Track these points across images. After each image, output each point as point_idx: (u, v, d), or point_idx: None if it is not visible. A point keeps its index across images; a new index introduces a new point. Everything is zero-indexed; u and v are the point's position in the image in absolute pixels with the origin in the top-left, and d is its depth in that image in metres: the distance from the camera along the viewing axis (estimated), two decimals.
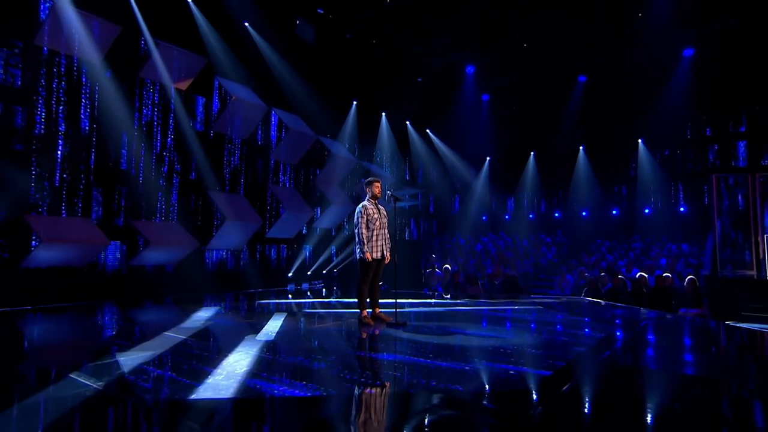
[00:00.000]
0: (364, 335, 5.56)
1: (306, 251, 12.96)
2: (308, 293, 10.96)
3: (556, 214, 18.05)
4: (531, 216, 18.38)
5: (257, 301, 8.95)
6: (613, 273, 12.05)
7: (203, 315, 7.16)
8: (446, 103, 15.76)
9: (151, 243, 9.41)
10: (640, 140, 16.28)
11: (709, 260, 11.99)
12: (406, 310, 7.64)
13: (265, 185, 11.89)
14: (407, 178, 16.86)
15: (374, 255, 5.81)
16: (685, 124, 15.29)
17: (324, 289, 11.75)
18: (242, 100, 10.92)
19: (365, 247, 5.72)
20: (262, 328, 5.98)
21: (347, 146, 14.04)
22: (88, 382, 3.51)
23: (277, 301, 9.22)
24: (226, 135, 11.04)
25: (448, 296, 10.55)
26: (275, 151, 12.12)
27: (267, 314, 7.24)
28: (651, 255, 13.93)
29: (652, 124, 15.26)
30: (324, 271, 13.58)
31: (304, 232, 13.03)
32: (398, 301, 7.30)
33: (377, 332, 5.71)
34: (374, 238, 5.81)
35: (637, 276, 10.60)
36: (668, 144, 15.94)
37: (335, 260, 13.87)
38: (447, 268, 12.78)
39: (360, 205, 5.90)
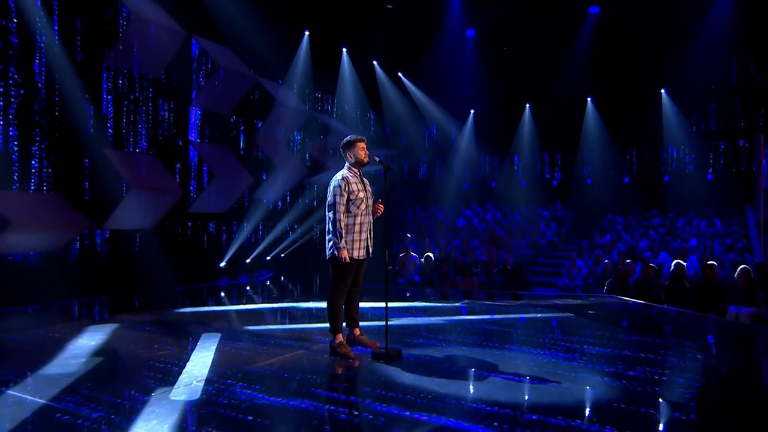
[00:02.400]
0: (340, 371, 4.57)
1: (244, 231, 12.10)
2: (247, 288, 10.17)
3: (554, 182, 17.46)
4: (523, 184, 17.66)
5: (176, 310, 7.48)
6: (636, 259, 11.38)
7: (86, 343, 5.44)
8: (423, 39, 14.67)
9: (14, 224, 7.64)
10: (663, 90, 15.49)
11: (757, 243, 11.35)
12: (391, 322, 6.27)
13: (186, 142, 10.83)
14: (371, 132, 15.90)
15: (356, 254, 4.80)
16: (723, 71, 14.58)
17: (270, 284, 10.97)
18: (149, 22, 9.50)
19: (342, 241, 4.70)
20: (181, 371, 4.45)
21: (297, 92, 13.16)
22: None
23: (204, 308, 7.80)
24: (125, 71, 9.52)
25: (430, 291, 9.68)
26: (199, 96, 11.02)
27: (190, 336, 5.84)
28: (677, 233, 13.15)
29: (680, 70, 14.37)
30: (268, 257, 12.63)
31: (244, 205, 12.25)
32: (371, 305, 6.44)
33: (359, 368, 4.65)
34: (357, 227, 4.79)
35: (672, 265, 9.77)
36: (699, 95, 15.15)
37: (284, 243, 13.00)
38: (429, 256, 11.49)
39: (338, 177, 4.82)
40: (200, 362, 4.71)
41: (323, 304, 7.84)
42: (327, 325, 5.04)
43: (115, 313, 7.18)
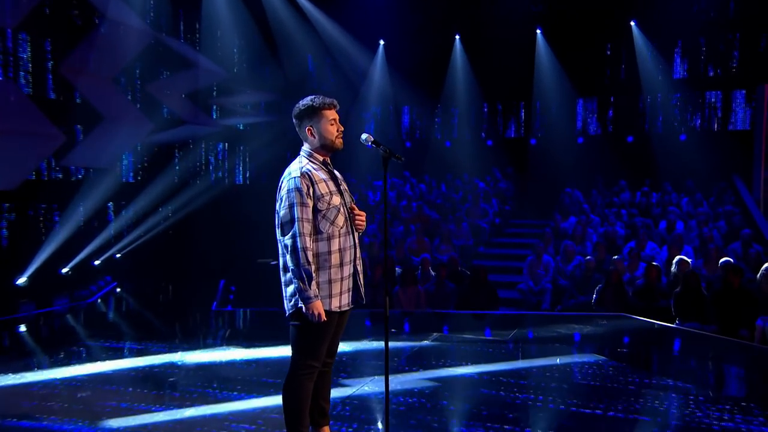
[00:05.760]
0: None
1: (59, 222, 11.43)
2: (71, 321, 9.28)
3: (489, 142, 17.45)
4: (447, 144, 17.62)
5: None
6: (617, 251, 11.26)
7: None
8: None
9: None
10: (632, 22, 15.72)
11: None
12: (358, 392, 5.53)
13: None
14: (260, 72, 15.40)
15: (336, 303, 4.11)
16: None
17: (110, 310, 10.24)
18: None
19: (313, 285, 3.99)
20: None
21: (136, 3, 12.38)
22: None
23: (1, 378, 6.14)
24: None
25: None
26: None
27: None
28: (656, 214, 12.98)
29: None
30: (96, 262, 11.79)
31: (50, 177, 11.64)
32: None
33: None
34: (335, 257, 4.11)
35: (674, 263, 9.86)
36: (680, 31, 15.33)
37: (126, 238, 12.51)
38: None
39: (292, 172, 4.11)
40: None
41: (225, 354, 6.79)
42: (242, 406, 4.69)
43: None
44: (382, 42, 17.16)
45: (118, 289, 11.32)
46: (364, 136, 4.20)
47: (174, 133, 12.93)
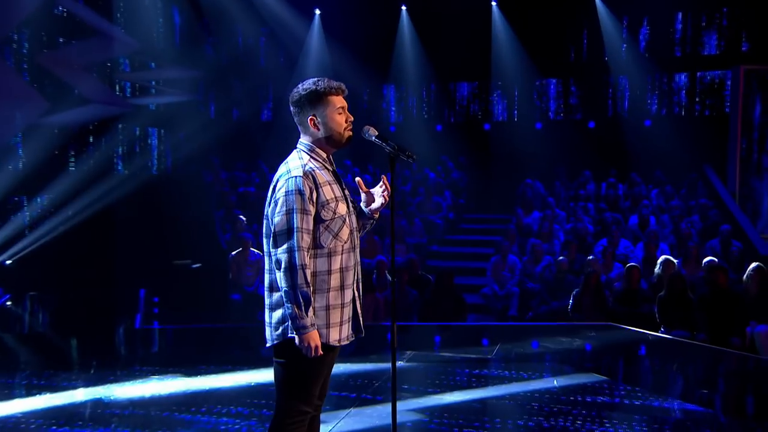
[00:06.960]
0: None
1: None
2: None
3: (438, 127, 17.52)
4: (392, 129, 17.57)
5: None
6: (587, 250, 11.49)
7: None
8: None
9: None
10: None
11: (748, 225, 11.74)
12: (332, 427, 5.22)
13: None
14: (155, 43, 14.73)
15: (334, 335, 3.87)
16: None
17: (5, 333, 9.90)
18: None
19: (310, 312, 3.71)
20: None
21: None
22: None
23: None
24: None
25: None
26: None
27: None
28: (624, 207, 13.23)
29: None
30: None
31: None
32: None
33: None
34: (336, 278, 3.86)
35: (660, 262, 9.95)
36: (647, 7, 15.52)
37: (19, 241, 12.09)
38: None
39: (292, 170, 3.77)
40: None
41: (164, 386, 6.29)
42: None
43: None
44: (318, 11, 16.91)
45: (9, 303, 10.63)
46: (371, 130, 3.92)
47: (75, 113, 12.18)
